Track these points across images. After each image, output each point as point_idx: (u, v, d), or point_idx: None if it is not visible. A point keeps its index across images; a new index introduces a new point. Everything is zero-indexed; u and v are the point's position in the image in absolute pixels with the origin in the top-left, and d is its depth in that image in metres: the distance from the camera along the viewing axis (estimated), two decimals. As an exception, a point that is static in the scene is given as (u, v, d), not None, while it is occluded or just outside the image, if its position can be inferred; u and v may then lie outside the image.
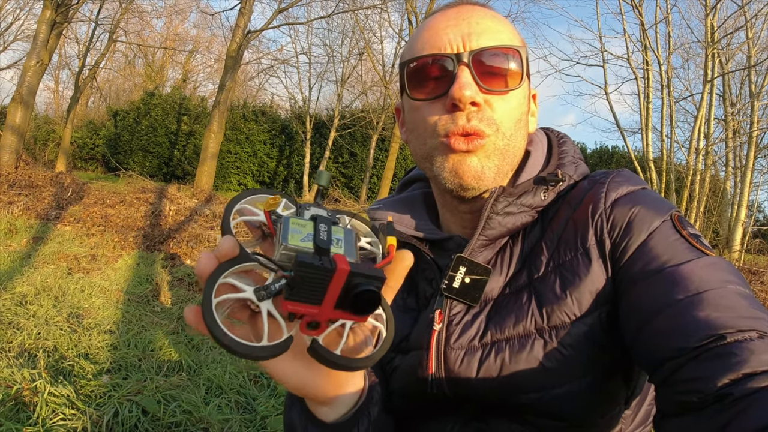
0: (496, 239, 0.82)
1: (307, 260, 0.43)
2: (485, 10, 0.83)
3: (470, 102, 0.76)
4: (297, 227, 0.47)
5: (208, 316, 0.45)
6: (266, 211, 0.51)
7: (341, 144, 21.13)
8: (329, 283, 0.44)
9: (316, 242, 0.46)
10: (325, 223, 0.49)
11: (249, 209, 0.54)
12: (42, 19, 10.74)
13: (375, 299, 0.44)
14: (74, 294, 4.29)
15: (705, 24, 11.09)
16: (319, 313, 0.46)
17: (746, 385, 0.53)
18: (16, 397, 2.32)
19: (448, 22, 0.80)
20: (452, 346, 0.79)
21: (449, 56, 0.77)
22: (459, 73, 0.76)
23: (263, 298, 0.47)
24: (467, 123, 0.77)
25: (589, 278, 0.74)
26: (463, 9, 0.82)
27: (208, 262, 0.47)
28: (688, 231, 0.72)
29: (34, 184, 8.93)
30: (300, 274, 0.43)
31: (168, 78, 30.13)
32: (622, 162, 19.82)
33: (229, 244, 0.48)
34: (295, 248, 0.46)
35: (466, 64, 0.76)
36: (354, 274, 0.43)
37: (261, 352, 0.46)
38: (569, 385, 0.74)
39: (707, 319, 0.60)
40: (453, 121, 0.77)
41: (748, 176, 11.65)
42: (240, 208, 0.53)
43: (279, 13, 14.54)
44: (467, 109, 0.77)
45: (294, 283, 0.44)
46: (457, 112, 0.77)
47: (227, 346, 0.45)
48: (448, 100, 0.77)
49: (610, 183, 0.79)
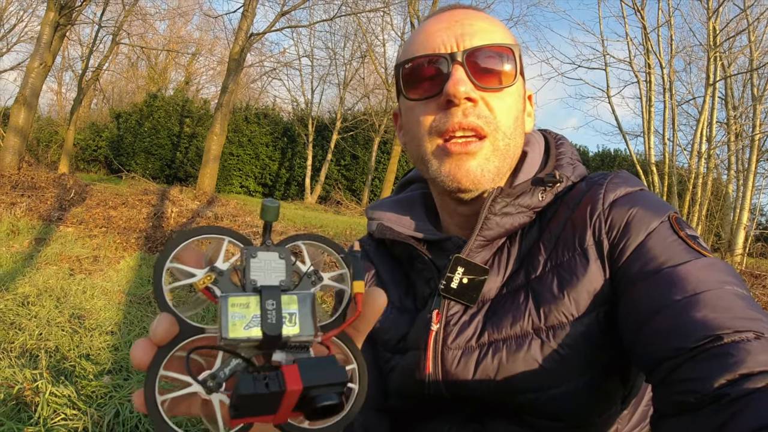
0: (493, 240, 0.82)
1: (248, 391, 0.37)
2: (478, 12, 0.84)
3: (465, 98, 0.77)
4: (238, 310, 0.40)
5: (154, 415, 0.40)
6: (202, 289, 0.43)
7: (343, 147, 21.15)
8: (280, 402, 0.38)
9: (264, 329, 0.40)
10: (272, 297, 0.41)
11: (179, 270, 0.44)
12: (45, 21, 10.79)
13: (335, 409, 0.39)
14: (76, 295, 4.30)
15: (707, 27, 11.09)
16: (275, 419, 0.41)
17: (743, 386, 0.54)
18: (17, 397, 2.32)
19: (441, 24, 0.81)
20: (449, 346, 0.80)
21: (443, 56, 0.78)
22: (453, 72, 0.77)
23: (213, 390, 0.40)
24: (464, 119, 0.77)
25: (587, 278, 0.74)
26: (456, 12, 0.83)
27: (145, 351, 0.41)
28: (686, 232, 0.72)
29: (37, 186, 8.96)
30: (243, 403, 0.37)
31: (171, 80, 30.22)
32: (624, 165, 19.80)
33: (164, 325, 0.41)
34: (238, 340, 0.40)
35: (460, 63, 0.77)
36: (308, 389, 0.38)
37: None
38: (566, 385, 0.74)
39: (704, 320, 0.60)
40: (448, 117, 0.78)
41: (751, 179, 11.62)
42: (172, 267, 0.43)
43: (282, 16, 14.58)
44: (463, 105, 0.77)
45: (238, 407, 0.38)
46: (452, 108, 0.78)
47: None
48: (442, 97, 0.78)
49: (609, 184, 0.80)
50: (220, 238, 0.45)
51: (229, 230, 0.45)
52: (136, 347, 0.41)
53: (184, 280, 0.44)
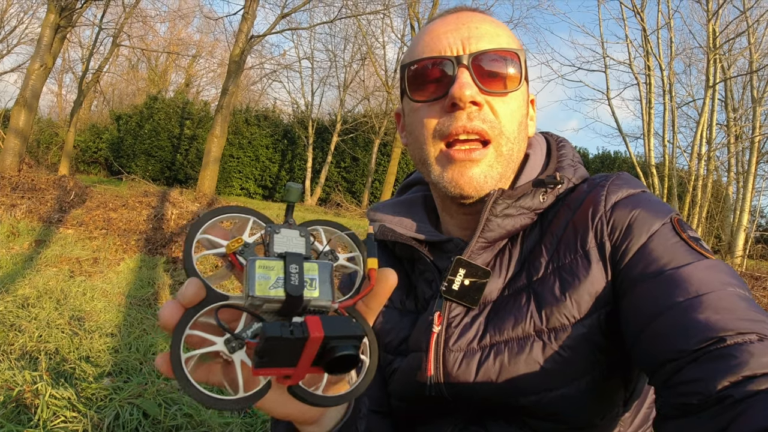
0: (495, 241, 0.82)
1: (275, 334, 0.39)
2: (484, 15, 0.84)
3: (471, 101, 0.76)
4: (264, 272, 0.43)
5: (179, 373, 0.42)
6: (230, 254, 0.46)
7: (343, 149, 21.15)
8: (302, 350, 0.41)
9: (287, 289, 0.43)
10: (295, 262, 0.44)
11: (209, 241, 0.47)
12: (46, 23, 10.80)
13: (352, 361, 0.42)
14: (76, 297, 4.29)
15: (707, 29, 11.10)
16: (294, 373, 0.43)
17: (746, 388, 0.53)
18: (17, 399, 2.32)
19: (447, 26, 0.81)
20: (451, 348, 0.79)
21: (449, 59, 0.78)
22: (459, 75, 0.77)
23: (235, 349, 0.43)
24: (469, 122, 0.77)
25: (589, 280, 0.74)
26: (463, 14, 0.83)
27: (172, 312, 0.43)
28: (688, 234, 0.72)
29: (37, 187, 8.95)
30: (269, 347, 0.40)
31: (171, 82, 30.26)
32: (624, 167, 19.81)
33: (193, 289, 0.44)
34: (263, 298, 0.42)
35: (466, 66, 0.77)
36: (329, 338, 0.40)
37: (238, 405, 0.44)
38: (568, 388, 0.74)
39: (707, 322, 0.60)
40: (453, 121, 0.78)
41: (751, 181, 11.62)
42: (200, 238, 0.47)
43: (282, 18, 14.59)
44: (468, 108, 0.77)
45: (263, 353, 0.40)
46: (457, 111, 0.77)
47: (202, 402, 0.42)
48: (447, 100, 0.77)
49: (610, 186, 0.80)
50: (245, 218, 0.48)
51: (255, 211, 0.48)
52: (164, 308, 0.43)
53: (213, 249, 0.47)
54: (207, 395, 0.43)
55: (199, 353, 0.44)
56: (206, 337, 0.44)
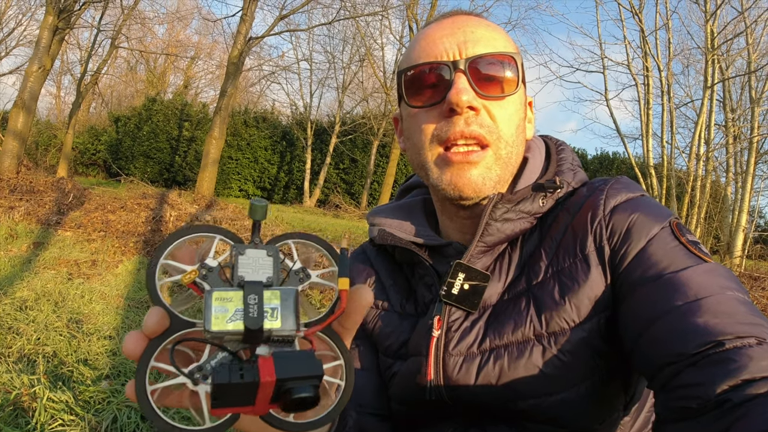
0: (494, 245, 0.82)
1: (223, 381, 0.39)
2: (480, 19, 0.84)
3: (468, 106, 0.76)
4: (221, 304, 0.41)
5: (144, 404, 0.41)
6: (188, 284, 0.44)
7: (342, 150, 21.17)
8: (256, 393, 0.40)
9: (246, 323, 0.41)
10: (254, 292, 0.42)
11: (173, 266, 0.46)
12: (44, 24, 10.79)
13: (311, 401, 0.40)
14: (74, 299, 4.28)
15: (705, 30, 11.12)
16: (254, 410, 0.42)
17: (745, 392, 0.53)
18: (15, 403, 2.31)
19: (443, 31, 0.81)
20: (451, 352, 0.79)
21: (446, 64, 0.78)
22: (456, 80, 0.77)
23: (199, 381, 0.42)
24: (467, 127, 0.77)
25: (588, 285, 0.74)
26: (458, 19, 0.83)
27: (136, 343, 0.42)
28: (687, 238, 0.72)
29: (36, 189, 8.95)
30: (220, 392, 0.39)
31: (169, 84, 30.27)
32: (622, 168, 19.84)
33: (154, 318, 0.43)
34: (219, 333, 0.41)
35: (463, 71, 0.77)
36: (282, 381, 0.39)
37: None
38: (568, 392, 0.74)
39: (706, 326, 0.60)
40: (450, 126, 0.78)
41: (749, 182, 11.63)
42: (164, 263, 0.45)
43: (280, 20, 14.60)
44: (465, 113, 0.77)
45: (217, 396, 0.39)
46: (454, 116, 0.78)
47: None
48: (445, 105, 0.77)
49: (609, 190, 0.80)
50: (211, 237, 0.46)
51: (222, 229, 0.47)
52: (128, 339, 0.43)
53: (176, 276, 0.45)
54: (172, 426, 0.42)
55: (162, 387, 0.43)
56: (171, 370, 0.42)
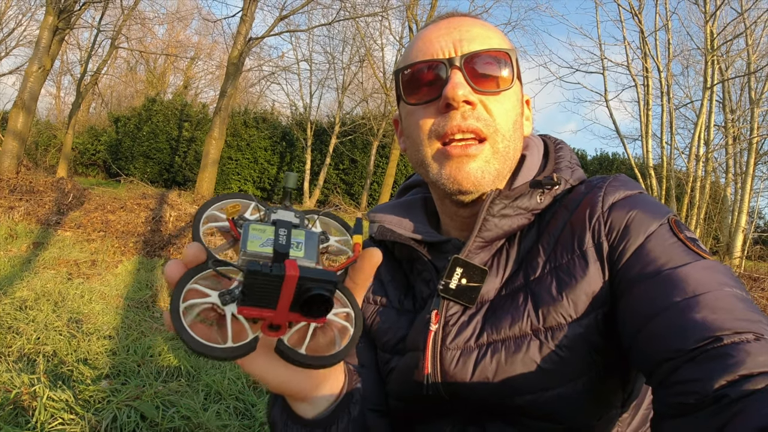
0: (492, 241, 0.83)
1: (255, 268, 0.44)
2: (475, 19, 0.86)
3: (464, 101, 0.78)
4: (257, 233, 0.48)
5: (176, 320, 0.47)
6: (229, 218, 0.51)
7: (342, 151, 21.16)
8: (280, 289, 0.45)
9: (275, 247, 0.47)
10: (284, 227, 0.49)
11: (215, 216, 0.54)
12: (44, 25, 10.79)
13: (326, 302, 0.45)
14: (74, 299, 4.29)
15: (705, 31, 11.13)
16: (274, 317, 0.47)
17: (743, 387, 0.54)
18: (15, 402, 2.31)
19: (439, 31, 0.83)
20: (448, 346, 0.80)
21: (441, 61, 0.80)
22: (452, 76, 0.78)
23: (227, 302, 0.48)
24: (463, 122, 0.78)
25: (586, 280, 0.74)
26: (454, 19, 0.85)
27: (175, 269, 0.49)
28: (685, 234, 0.73)
29: (35, 190, 8.94)
30: (250, 282, 0.44)
31: (169, 84, 30.28)
32: (622, 169, 19.86)
33: (193, 250, 0.49)
34: (253, 254, 0.47)
35: (458, 68, 0.79)
36: (304, 279, 0.44)
37: (224, 353, 0.48)
38: (565, 387, 0.74)
39: (704, 321, 0.61)
40: (447, 120, 0.79)
41: (749, 183, 11.64)
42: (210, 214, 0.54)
43: (280, 21, 14.61)
44: (462, 108, 0.78)
45: (246, 290, 0.45)
46: (451, 111, 0.79)
47: (193, 347, 0.46)
48: (441, 100, 0.79)
49: (608, 187, 0.80)
50: (248, 203, 0.55)
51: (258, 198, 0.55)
52: (169, 265, 0.49)
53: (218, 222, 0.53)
54: (198, 341, 0.47)
55: (195, 302, 0.49)
56: (203, 290, 0.49)
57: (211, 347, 0.47)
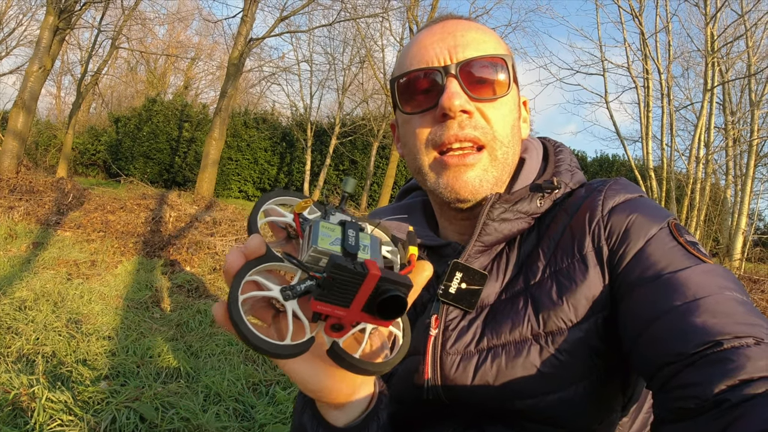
0: (492, 245, 0.82)
1: (341, 262, 0.44)
2: (469, 22, 0.85)
3: (461, 110, 0.77)
4: (326, 231, 0.48)
5: (235, 312, 0.46)
6: (296, 213, 0.51)
7: (342, 151, 21.16)
8: (360, 287, 0.45)
9: (345, 247, 0.48)
10: (353, 228, 0.50)
11: (275, 210, 0.54)
12: (45, 25, 10.80)
13: (402, 305, 0.45)
14: (73, 300, 4.28)
15: (705, 33, 11.14)
16: (345, 316, 0.47)
17: (743, 392, 0.53)
18: (13, 403, 2.31)
19: (434, 37, 0.82)
20: (448, 351, 0.79)
21: (437, 69, 0.79)
22: (447, 84, 0.78)
23: (289, 297, 0.48)
24: (461, 131, 0.78)
25: (586, 284, 0.74)
26: (448, 23, 0.84)
27: (236, 259, 0.48)
28: (685, 238, 0.72)
29: (35, 190, 8.94)
30: (333, 275, 0.44)
31: (170, 85, 30.27)
32: (622, 170, 19.85)
33: (256, 242, 0.49)
34: (324, 251, 0.47)
35: (454, 76, 0.78)
36: (384, 279, 0.44)
37: (284, 350, 0.47)
38: (565, 391, 0.74)
39: (704, 326, 0.60)
40: (444, 130, 0.79)
41: (749, 185, 11.65)
42: (266, 208, 0.54)
43: (281, 22, 14.61)
44: (459, 117, 0.78)
45: (326, 284, 0.44)
46: (448, 121, 0.78)
47: (252, 342, 0.46)
48: (438, 110, 0.78)
49: (608, 191, 0.80)
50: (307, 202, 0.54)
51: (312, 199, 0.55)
52: (230, 254, 0.48)
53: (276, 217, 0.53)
54: (259, 336, 0.46)
55: (256, 295, 0.48)
56: (264, 283, 0.48)
57: (272, 344, 0.46)
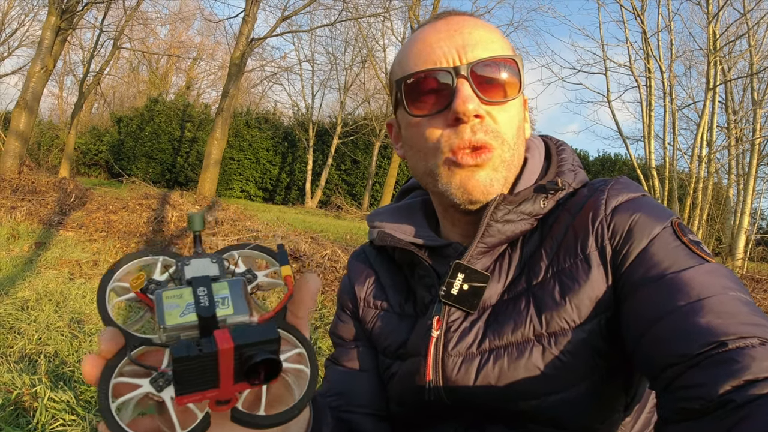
0: (494, 246, 0.82)
1: (182, 354, 0.38)
2: (475, 20, 0.82)
3: (474, 114, 0.76)
4: (173, 301, 0.43)
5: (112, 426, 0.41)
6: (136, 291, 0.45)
7: (344, 151, 21.18)
8: (217, 366, 0.40)
9: (198, 312, 0.42)
10: (203, 285, 0.43)
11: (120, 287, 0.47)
12: (47, 25, 10.82)
13: (274, 366, 0.41)
14: (76, 299, 4.29)
15: (707, 32, 11.12)
16: (220, 394, 0.42)
17: (748, 392, 0.53)
18: (16, 402, 2.31)
19: (439, 34, 0.79)
20: (450, 352, 0.79)
21: (447, 70, 0.77)
22: (459, 87, 0.75)
23: (163, 387, 0.42)
24: (473, 136, 0.76)
25: (589, 285, 0.74)
26: (453, 20, 0.81)
27: (93, 366, 0.42)
28: (689, 237, 0.72)
29: (38, 190, 8.96)
30: (180, 369, 0.39)
31: (172, 85, 30.32)
32: (624, 170, 19.82)
33: (108, 337, 0.43)
34: (177, 326, 0.42)
35: (465, 77, 0.76)
36: (240, 347, 0.40)
37: None
38: (568, 392, 0.73)
39: (708, 326, 0.60)
40: (457, 135, 0.77)
41: (751, 184, 11.63)
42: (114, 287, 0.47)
43: (282, 21, 14.62)
44: (471, 122, 0.76)
45: (179, 378, 0.39)
46: (460, 125, 0.76)
47: None
48: (450, 114, 0.76)
49: (610, 190, 0.79)
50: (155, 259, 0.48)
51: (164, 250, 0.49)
52: (85, 363, 0.42)
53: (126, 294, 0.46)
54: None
55: (127, 398, 0.43)
56: (132, 383, 0.42)
57: None
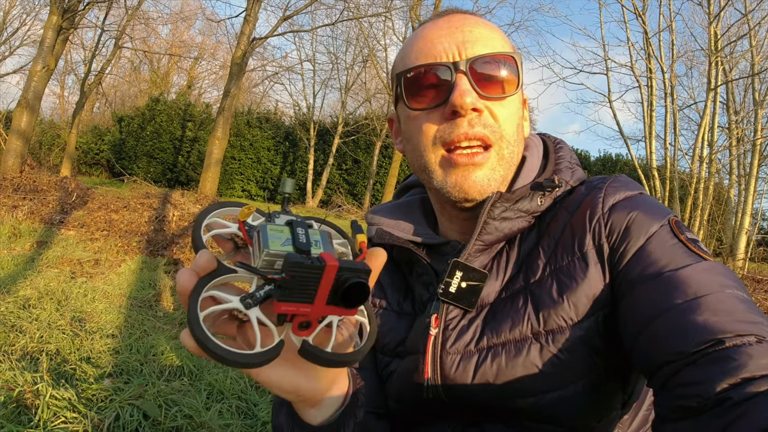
0: (492, 244, 0.82)
1: (297, 260, 0.44)
2: (476, 18, 0.83)
3: (471, 108, 0.76)
4: (275, 233, 0.48)
5: (198, 331, 0.45)
6: (240, 221, 0.51)
7: (345, 151, 21.17)
8: (320, 281, 0.45)
9: (297, 245, 0.47)
10: (301, 226, 0.50)
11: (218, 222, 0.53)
12: (48, 24, 10.83)
13: (365, 291, 0.45)
14: (77, 298, 4.29)
15: (708, 32, 11.11)
16: (311, 312, 0.47)
17: (745, 390, 0.53)
18: (17, 400, 2.32)
19: (441, 31, 0.81)
20: (448, 350, 0.79)
21: (446, 65, 0.78)
22: (458, 81, 0.76)
23: (251, 305, 0.47)
24: (471, 129, 0.77)
25: (587, 282, 0.74)
26: (454, 18, 0.82)
27: (188, 279, 0.47)
28: (686, 235, 0.72)
29: (39, 189, 8.97)
30: (292, 274, 0.44)
31: (173, 84, 30.32)
32: (625, 170, 19.80)
33: (205, 257, 0.48)
34: (277, 253, 0.46)
35: (464, 72, 0.77)
36: (342, 269, 0.45)
37: (256, 359, 0.46)
38: (565, 390, 0.74)
39: (706, 324, 0.60)
40: (454, 128, 0.77)
41: (752, 184, 11.62)
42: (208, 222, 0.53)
43: (284, 21, 14.63)
44: (469, 115, 0.77)
45: (286, 284, 0.44)
46: (458, 119, 0.77)
47: (223, 357, 0.45)
48: (448, 107, 0.77)
49: (608, 188, 0.79)
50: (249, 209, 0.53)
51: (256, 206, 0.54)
52: (181, 275, 0.47)
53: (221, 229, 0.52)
54: (227, 349, 0.45)
55: (217, 309, 0.47)
56: (222, 296, 0.48)
57: (243, 354, 0.46)
